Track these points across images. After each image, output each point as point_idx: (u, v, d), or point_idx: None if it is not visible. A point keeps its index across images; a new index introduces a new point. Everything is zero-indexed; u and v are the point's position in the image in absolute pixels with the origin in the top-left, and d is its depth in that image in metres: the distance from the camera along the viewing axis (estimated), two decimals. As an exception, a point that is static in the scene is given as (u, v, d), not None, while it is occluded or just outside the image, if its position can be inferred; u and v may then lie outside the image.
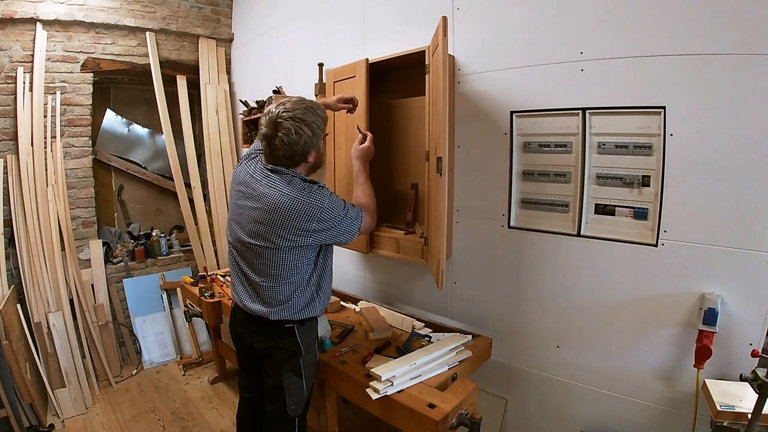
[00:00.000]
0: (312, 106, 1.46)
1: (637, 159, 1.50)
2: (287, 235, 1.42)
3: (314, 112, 1.45)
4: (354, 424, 2.35)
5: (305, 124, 1.40)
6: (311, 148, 1.46)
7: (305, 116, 1.41)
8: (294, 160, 1.46)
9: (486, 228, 1.92)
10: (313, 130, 1.42)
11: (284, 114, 1.40)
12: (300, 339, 1.54)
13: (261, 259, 1.47)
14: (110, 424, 2.49)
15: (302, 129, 1.40)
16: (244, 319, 1.60)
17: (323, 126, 1.49)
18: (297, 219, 1.40)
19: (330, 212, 1.44)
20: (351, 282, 2.64)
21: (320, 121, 1.46)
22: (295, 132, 1.39)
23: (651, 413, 1.55)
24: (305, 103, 1.45)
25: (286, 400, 1.53)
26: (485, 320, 1.97)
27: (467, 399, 1.44)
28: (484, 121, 1.85)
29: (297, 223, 1.40)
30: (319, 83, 2.53)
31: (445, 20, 1.51)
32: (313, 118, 1.43)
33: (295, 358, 1.54)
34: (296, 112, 1.40)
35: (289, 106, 1.41)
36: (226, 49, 3.67)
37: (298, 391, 1.55)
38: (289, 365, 1.54)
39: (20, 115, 2.75)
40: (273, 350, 1.56)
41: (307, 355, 1.57)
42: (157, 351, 3.23)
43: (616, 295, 1.59)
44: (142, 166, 3.64)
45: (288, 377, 1.53)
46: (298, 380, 1.54)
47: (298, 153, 1.43)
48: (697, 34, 1.34)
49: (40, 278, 2.70)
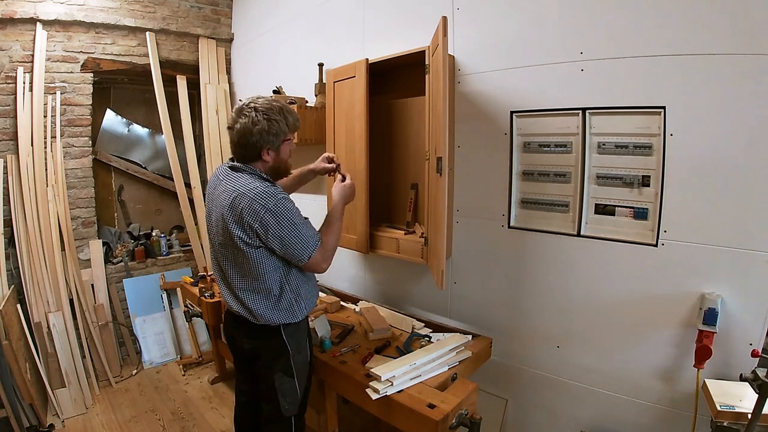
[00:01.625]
0: (282, 108, 1.44)
1: (637, 159, 1.50)
2: (239, 233, 1.39)
3: (280, 112, 1.43)
4: (354, 424, 2.35)
5: (265, 117, 1.40)
6: (266, 144, 1.42)
7: (268, 111, 1.40)
8: (248, 151, 1.44)
9: (486, 228, 1.92)
10: (270, 125, 1.40)
11: (251, 104, 1.42)
12: (287, 340, 1.53)
13: (229, 260, 1.48)
14: (110, 424, 2.49)
15: (259, 120, 1.39)
16: (233, 320, 1.60)
17: (285, 130, 1.45)
18: (244, 215, 1.36)
19: (276, 217, 1.37)
20: (351, 282, 2.64)
21: (282, 123, 1.43)
22: (252, 122, 1.39)
23: (651, 413, 1.55)
24: (278, 103, 1.45)
25: (280, 401, 1.53)
26: (485, 320, 1.97)
27: (467, 399, 1.44)
28: (484, 121, 1.85)
29: (245, 218, 1.37)
30: (319, 83, 2.53)
31: (445, 20, 1.51)
32: (276, 117, 1.41)
33: (284, 358, 1.53)
34: (262, 105, 1.41)
35: (260, 101, 1.43)
36: (226, 49, 3.67)
37: (291, 391, 1.54)
38: (279, 365, 1.53)
39: (20, 115, 2.75)
40: (261, 350, 1.56)
41: (298, 355, 1.56)
42: (157, 351, 3.23)
43: (616, 295, 1.59)
44: (142, 166, 3.64)
45: (279, 377, 1.52)
46: (290, 380, 1.54)
47: (251, 144, 1.41)
48: (697, 34, 1.34)
49: (40, 278, 2.70)
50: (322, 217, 1.62)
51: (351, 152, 2.17)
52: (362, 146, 2.08)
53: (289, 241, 1.40)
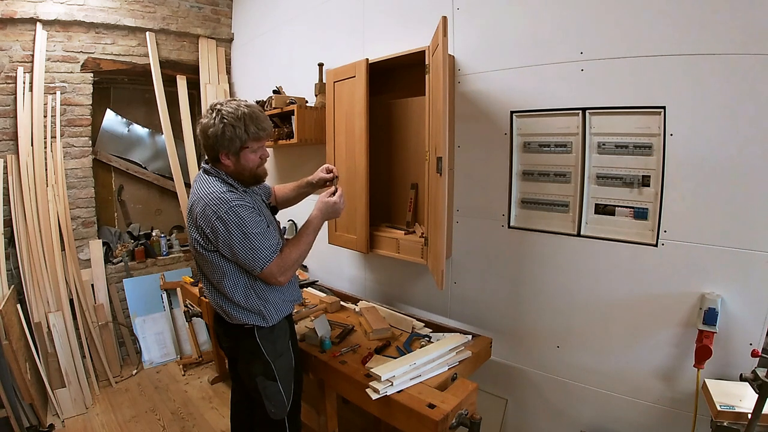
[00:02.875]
0: (248, 115, 1.37)
1: (637, 159, 1.50)
2: (196, 236, 1.40)
3: (242, 119, 1.36)
4: (354, 424, 2.35)
5: (222, 121, 1.34)
6: (222, 148, 1.38)
7: (228, 116, 1.35)
8: (209, 152, 1.42)
9: (486, 228, 1.92)
10: (225, 130, 1.35)
11: (217, 106, 1.38)
12: (260, 342, 1.50)
13: (197, 261, 1.49)
14: (110, 424, 2.49)
15: (215, 123, 1.35)
16: (215, 317, 1.61)
17: (244, 137, 1.37)
18: (198, 219, 1.37)
19: (225, 225, 1.33)
20: (351, 282, 2.64)
21: (240, 130, 1.36)
22: (209, 124, 1.36)
23: (651, 413, 1.55)
24: (248, 109, 1.38)
25: (265, 404, 1.52)
26: (485, 320, 1.97)
27: (467, 399, 1.44)
28: (484, 121, 1.85)
29: (199, 223, 1.37)
30: (319, 83, 2.53)
31: (445, 20, 1.51)
32: (235, 123, 1.35)
33: (261, 361, 1.50)
34: (226, 108, 1.36)
35: (228, 104, 1.38)
36: (226, 49, 3.67)
37: (275, 395, 1.52)
38: (257, 368, 1.51)
39: (20, 115, 2.75)
40: (236, 351, 1.56)
41: (279, 359, 1.53)
42: (157, 351, 3.23)
43: (616, 295, 1.59)
44: (142, 166, 3.64)
45: (261, 381, 1.50)
46: (272, 383, 1.51)
47: (209, 146, 1.40)
48: (696, 34, 1.34)
49: (40, 278, 2.70)
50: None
51: (351, 152, 2.17)
52: (362, 146, 2.08)
53: (238, 250, 1.36)
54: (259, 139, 1.43)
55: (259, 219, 1.41)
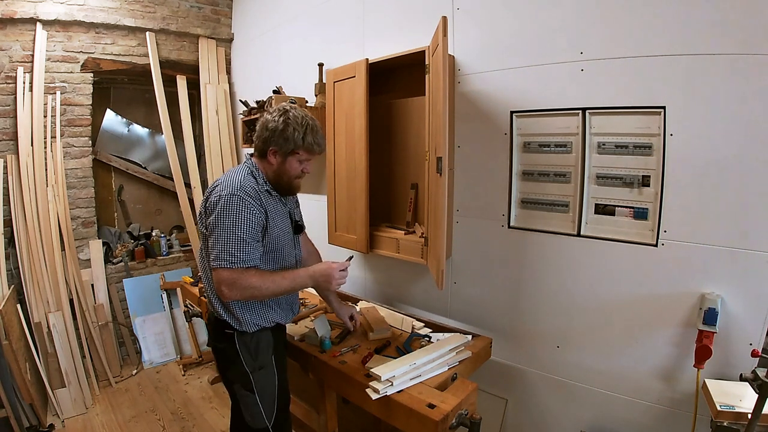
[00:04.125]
0: (310, 126, 1.44)
1: (637, 159, 1.50)
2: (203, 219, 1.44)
3: (303, 126, 1.42)
4: (354, 424, 2.35)
5: (287, 121, 1.41)
6: (274, 145, 1.43)
7: (293, 119, 1.42)
8: (260, 143, 1.46)
9: (486, 228, 1.92)
10: (286, 129, 1.40)
11: (286, 106, 1.46)
12: (240, 349, 1.45)
13: (201, 246, 1.51)
14: (110, 424, 2.49)
15: (278, 120, 1.41)
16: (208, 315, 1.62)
17: (299, 143, 1.41)
18: (211, 194, 1.41)
19: (217, 209, 1.35)
20: (351, 282, 2.64)
21: (298, 135, 1.41)
22: (273, 119, 1.43)
23: (651, 413, 1.55)
24: (312, 122, 1.45)
25: (242, 411, 1.49)
26: (485, 320, 1.97)
27: (467, 399, 1.44)
28: (484, 121, 1.85)
29: (210, 197, 1.41)
30: (319, 83, 2.53)
31: (445, 20, 1.51)
32: (297, 127, 1.41)
33: (237, 367, 1.46)
34: (295, 114, 1.43)
35: (301, 111, 1.46)
36: (226, 49, 3.67)
37: (252, 406, 1.47)
38: (234, 375, 1.47)
39: (20, 115, 2.75)
40: (215, 352, 1.55)
41: (259, 371, 1.47)
42: (157, 351, 3.23)
43: (616, 294, 1.59)
44: (142, 166, 3.64)
45: (238, 388, 1.48)
46: (249, 394, 1.46)
47: (263, 139, 1.45)
48: (696, 34, 1.34)
49: (40, 278, 2.70)
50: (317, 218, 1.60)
51: (351, 152, 2.17)
52: (362, 146, 2.08)
53: (214, 238, 1.36)
54: (311, 152, 1.47)
55: (253, 226, 1.38)
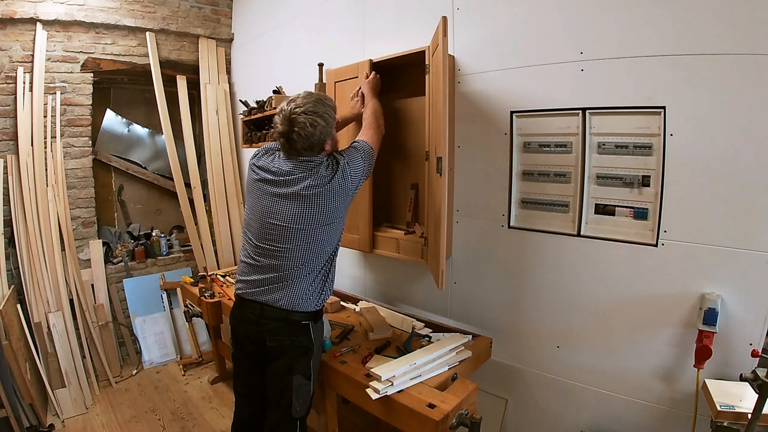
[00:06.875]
0: (321, 97, 1.52)
1: (637, 159, 1.50)
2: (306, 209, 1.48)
3: (323, 103, 1.51)
4: (354, 424, 2.35)
5: (318, 115, 1.46)
6: (327, 138, 1.51)
7: (316, 108, 1.46)
8: (313, 151, 1.51)
9: (486, 228, 1.92)
10: (326, 120, 1.48)
11: (297, 109, 1.45)
12: (314, 336, 1.55)
13: (292, 243, 1.50)
14: (110, 424, 2.49)
15: (316, 121, 1.45)
16: (256, 317, 1.54)
17: (334, 115, 1.54)
18: (337, 189, 1.50)
19: (355, 152, 1.58)
20: (351, 282, 2.64)
21: (331, 111, 1.52)
22: (310, 124, 1.45)
23: (651, 413, 1.55)
24: (314, 95, 1.51)
25: (293, 402, 1.51)
26: (485, 320, 1.97)
27: (467, 399, 1.44)
28: (484, 121, 1.85)
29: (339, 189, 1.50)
30: (319, 83, 2.52)
31: (445, 20, 1.51)
32: (324, 108, 1.49)
33: (306, 357, 1.54)
34: (307, 106, 1.46)
35: (300, 102, 1.47)
36: (226, 49, 3.67)
37: (305, 393, 1.55)
38: (299, 366, 1.53)
39: (20, 115, 2.75)
40: (287, 348, 1.53)
41: (316, 357, 1.59)
42: (157, 351, 3.23)
43: (616, 294, 1.59)
44: (142, 166, 3.64)
45: (298, 379, 1.51)
46: (307, 382, 1.54)
47: (316, 144, 1.49)
48: (696, 34, 1.34)
49: (40, 278, 2.70)
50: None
51: (351, 152, 2.17)
52: (362, 146, 2.07)
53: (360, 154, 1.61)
54: (336, 112, 1.59)
55: None
